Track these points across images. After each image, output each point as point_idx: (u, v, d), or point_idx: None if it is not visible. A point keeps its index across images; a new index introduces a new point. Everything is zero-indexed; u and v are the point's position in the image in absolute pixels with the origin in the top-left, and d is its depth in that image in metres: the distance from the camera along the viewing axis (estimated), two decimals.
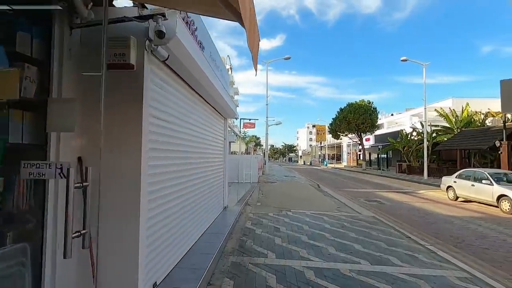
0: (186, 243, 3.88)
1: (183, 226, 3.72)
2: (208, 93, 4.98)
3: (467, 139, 20.41)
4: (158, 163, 2.97)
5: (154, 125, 2.85)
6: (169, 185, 3.27)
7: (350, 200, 11.00)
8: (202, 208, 4.88)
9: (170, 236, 3.26)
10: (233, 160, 15.35)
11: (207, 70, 4.10)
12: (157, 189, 2.90)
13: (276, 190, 12.59)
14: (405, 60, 21.57)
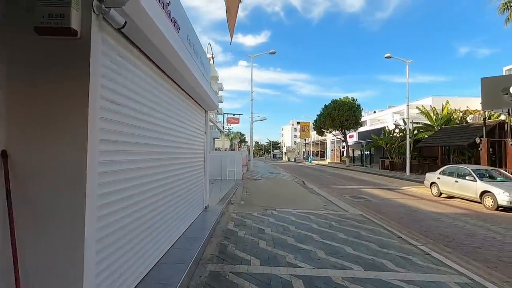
0: (155, 253, 3.32)
1: (151, 234, 3.16)
2: (185, 80, 4.42)
3: (447, 136, 20.84)
4: (115, 159, 2.39)
5: (109, 111, 2.28)
6: (131, 185, 2.70)
7: (336, 197, 10.75)
8: (177, 211, 4.34)
9: (133, 247, 2.70)
10: (216, 157, 14.77)
11: (183, 52, 3.54)
12: (112, 192, 2.33)
13: (261, 188, 12.16)
14: (389, 57, 21.67)
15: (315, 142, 66.20)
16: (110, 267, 2.29)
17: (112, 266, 2.32)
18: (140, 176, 2.91)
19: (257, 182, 14.40)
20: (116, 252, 2.39)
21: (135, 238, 2.75)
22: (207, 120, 6.92)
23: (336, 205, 8.76)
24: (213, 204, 7.48)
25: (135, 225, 2.76)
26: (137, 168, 2.84)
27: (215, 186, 11.51)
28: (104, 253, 2.19)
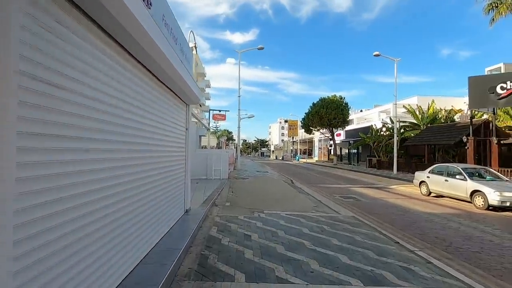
0: (114, 276, 2.71)
1: (105, 254, 2.54)
2: (160, 68, 3.82)
3: (434, 135, 20.97)
4: (44, 159, 1.77)
5: (34, 93, 1.66)
6: (74, 194, 2.07)
7: (326, 197, 10.37)
8: (148, 219, 3.73)
9: (74, 276, 2.09)
10: (201, 155, 14.12)
11: (155, 33, 2.94)
12: (40, 205, 1.71)
13: (248, 187, 11.63)
14: (377, 55, 21.56)
15: (302, 140, 66.30)
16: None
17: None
18: (89, 182, 2.30)
19: (244, 182, 13.87)
20: (48, 285, 1.78)
21: (78, 265, 2.13)
22: (189, 115, 6.30)
23: (327, 206, 8.35)
24: (196, 207, 6.88)
25: (77, 247, 2.14)
26: (86, 172, 2.23)
27: (200, 186, 10.89)
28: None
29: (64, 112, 1.96)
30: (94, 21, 2.31)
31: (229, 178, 14.67)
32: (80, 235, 2.15)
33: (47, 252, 1.77)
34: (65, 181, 1.97)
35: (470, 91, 15.88)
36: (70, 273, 2.01)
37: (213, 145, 60.50)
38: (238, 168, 22.19)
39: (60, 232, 1.90)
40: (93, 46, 2.35)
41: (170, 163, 4.96)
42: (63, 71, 1.93)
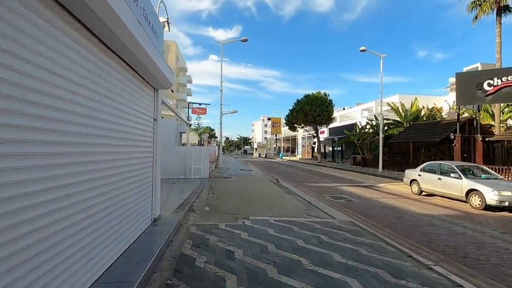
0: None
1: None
2: (119, 42, 2.72)
3: (418, 132, 20.84)
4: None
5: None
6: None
7: (316, 198, 9.54)
8: (92, 236, 2.62)
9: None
10: (179, 152, 12.89)
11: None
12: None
13: (231, 188, 10.58)
14: (364, 51, 21.11)
15: (286, 138, 65.97)
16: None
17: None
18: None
19: (227, 181, 12.80)
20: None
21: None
22: (158, 103, 5.15)
23: (319, 209, 7.48)
24: (168, 214, 5.76)
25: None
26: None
27: (176, 187, 9.71)
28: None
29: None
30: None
31: (210, 177, 13.54)
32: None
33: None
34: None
35: (457, 87, 15.67)
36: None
37: (195, 143, 58.72)
38: (220, 167, 21.05)
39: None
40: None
41: (130, 161, 3.83)
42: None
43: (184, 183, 10.90)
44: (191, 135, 62.25)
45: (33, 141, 1.88)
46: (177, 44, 55.66)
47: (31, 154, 1.86)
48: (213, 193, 9.08)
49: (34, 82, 1.88)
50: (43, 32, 1.96)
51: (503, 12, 19.74)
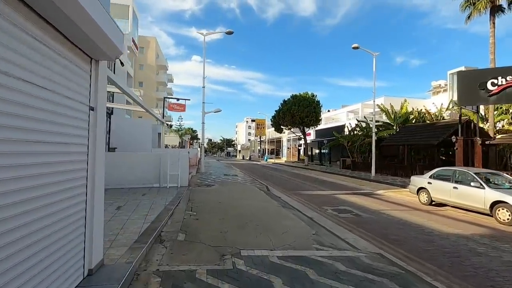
0: None
1: None
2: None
3: (412, 134, 19.87)
4: None
5: None
6: None
7: (317, 213, 7.92)
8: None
9: None
10: (152, 156, 10.85)
11: None
12: None
13: (214, 201, 8.71)
14: (356, 48, 19.92)
15: (270, 140, 64.62)
16: None
17: None
18: None
19: (209, 190, 10.90)
20: None
21: None
22: (100, 82, 3.24)
23: (329, 231, 5.82)
24: (120, 253, 3.85)
25: None
26: None
27: (146, 201, 7.73)
28: None
29: None
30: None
31: (189, 185, 11.58)
32: None
33: None
34: None
35: (458, 87, 14.69)
36: None
37: (176, 144, 55.84)
38: (202, 171, 19.04)
39: None
40: None
41: (39, 179, 1.96)
42: None
43: (157, 194, 8.92)
44: (171, 137, 59.35)
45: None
46: (157, 41, 52.88)
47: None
48: (191, 209, 7.18)
49: None
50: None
51: (496, 12, 19.24)
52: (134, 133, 18.55)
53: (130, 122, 19.69)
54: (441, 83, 45.99)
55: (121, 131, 18.10)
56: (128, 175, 10.16)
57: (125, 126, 18.75)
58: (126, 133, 18.21)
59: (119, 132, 17.90)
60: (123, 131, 18.16)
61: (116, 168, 10.00)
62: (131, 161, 10.34)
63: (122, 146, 16.81)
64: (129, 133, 18.29)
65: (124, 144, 17.25)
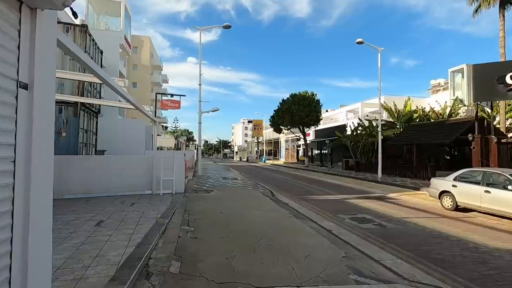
0: None
1: None
2: None
3: (422, 133, 18.90)
4: None
5: None
6: None
7: (335, 223, 6.80)
8: None
9: None
10: (143, 160, 9.65)
11: None
12: None
13: (215, 211, 7.54)
14: (361, 42, 18.94)
15: (268, 140, 63.55)
16: None
17: None
18: None
19: (208, 198, 9.74)
20: None
21: None
22: (37, 41, 2.07)
23: (360, 251, 4.70)
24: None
25: None
26: None
27: (133, 212, 6.54)
28: None
29: None
30: None
31: (185, 191, 10.39)
32: None
33: None
34: None
35: (474, 81, 13.74)
36: None
37: (171, 146, 54.38)
38: (199, 175, 17.84)
39: None
40: None
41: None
42: None
43: (149, 204, 7.73)
44: (167, 138, 57.90)
45: None
46: (151, 40, 51.55)
47: None
48: (188, 223, 6.00)
49: None
50: None
51: (506, 4, 18.41)
52: (126, 135, 17.30)
53: (122, 123, 18.43)
54: (440, 82, 45.39)
55: (112, 132, 16.86)
56: (116, 181, 8.96)
57: (116, 127, 17.51)
58: (118, 134, 16.97)
59: (110, 134, 16.66)
60: (114, 132, 16.92)
61: (102, 173, 8.80)
62: (119, 165, 9.14)
63: (112, 148, 15.57)
64: (121, 135, 17.05)
65: (115, 146, 16.01)
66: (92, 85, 10.41)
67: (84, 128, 10.09)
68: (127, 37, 33.56)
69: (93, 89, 10.49)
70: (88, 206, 7.13)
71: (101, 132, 16.48)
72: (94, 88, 10.67)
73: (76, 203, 7.47)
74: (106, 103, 9.36)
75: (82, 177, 8.50)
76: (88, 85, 9.86)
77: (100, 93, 11.79)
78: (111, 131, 16.99)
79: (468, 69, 14.46)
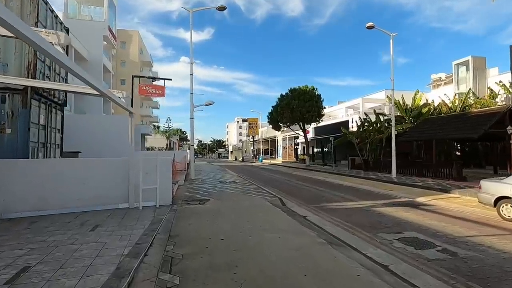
0: None
1: None
2: None
3: (439, 128, 17.01)
4: None
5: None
6: None
7: (390, 253, 4.72)
8: None
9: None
10: (115, 163, 7.39)
11: None
12: None
13: (212, 239, 5.33)
14: (371, 27, 16.96)
15: (264, 139, 61.48)
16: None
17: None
18: None
19: (203, 213, 7.56)
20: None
21: None
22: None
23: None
24: None
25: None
26: None
27: (87, 246, 4.32)
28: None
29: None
30: None
31: (173, 202, 8.19)
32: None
33: None
34: None
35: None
36: None
37: (163, 146, 51.75)
38: (192, 178, 15.60)
39: None
40: None
41: None
42: None
43: (118, 226, 5.52)
44: (158, 138, 55.25)
45: None
46: (140, 35, 48.85)
47: None
48: (170, 269, 3.78)
49: None
50: None
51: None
52: (109, 134, 14.95)
53: (104, 120, 16.06)
54: (441, 76, 43.98)
55: (91, 131, 14.52)
56: (79, 193, 6.72)
57: (96, 124, 15.15)
58: (99, 134, 14.64)
59: (88, 133, 14.32)
60: (94, 131, 14.59)
61: (60, 181, 6.55)
62: (83, 171, 6.90)
63: (91, 150, 13.25)
64: (102, 134, 14.71)
65: (95, 148, 13.69)
66: (51, 68, 8.11)
67: (41, 124, 7.79)
68: (112, 29, 30.98)
69: (52, 72, 8.17)
70: (27, 233, 4.89)
71: (77, 131, 14.12)
72: (54, 70, 8.36)
73: (12, 228, 5.22)
74: (60, 87, 7.07)
75: (30, 188, 6.24)
76: (44, 65, 7.57)
77: (66, 79, 9.44)
78: (90, 130, 14.64)
79: (459, 65, 12.57)
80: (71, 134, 13.81)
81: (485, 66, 31.09)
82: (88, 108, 28.25)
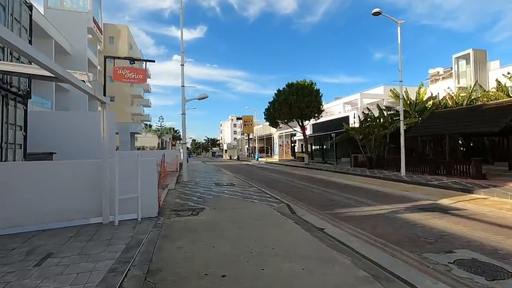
0: None
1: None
2: None
3: (451, 122, 15.82)
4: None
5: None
6: None
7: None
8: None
9: None
10: (88, 166, 5.87)
11: None
12: None
13: (209, 275, 3.92)
14: (378, 13, 15.64)
15: (260, 137, 60.12)
16: None
17: None
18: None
19: (196, 228, 6.10)
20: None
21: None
22: None
23: None
24: None
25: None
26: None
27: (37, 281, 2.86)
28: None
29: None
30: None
31: (160, 213, 6.72)
32: None
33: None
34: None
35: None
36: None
37: (154, 146, 49.83)
38: (185, 181, 14.07)
39: None
40: None
41: None
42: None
43: (81, 253, 4.05)
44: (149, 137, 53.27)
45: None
46: (129, 30, 46.80)
47: None
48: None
49: None
50: None
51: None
52: (88, 133, 13.30)
53: (84, 118, 14.39)
54: (439, 71, 43.21)
55: (68, 129, 12.90)
56: (36, 206, 5.20)
57: (73, 122, 13.51)
58: (78, 133, 13.01)
59: (65, 131, 12.71)
60: (72, 130, 12.96)
61: (10, 191, 5.02)
62: (41, 177, 5.36)
63: (66, 151, 11.66)
64: (82, 133, 13.07)
65: (73, 148, 12.10)
66: (5, 50, 6.51)
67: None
68: (98, 21, 29.07)
69: (6, 55, 6.57)
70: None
71: (52, 130, 12.49)
72: (11, 54, 6.75)
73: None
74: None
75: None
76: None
77: (11, 54, 7.72)
78: (68, 128, 13.01)
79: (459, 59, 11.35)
80: (47, 132, 12.18)
81: (486, 59, 30.31)
82: (73, 105, 26.40)
